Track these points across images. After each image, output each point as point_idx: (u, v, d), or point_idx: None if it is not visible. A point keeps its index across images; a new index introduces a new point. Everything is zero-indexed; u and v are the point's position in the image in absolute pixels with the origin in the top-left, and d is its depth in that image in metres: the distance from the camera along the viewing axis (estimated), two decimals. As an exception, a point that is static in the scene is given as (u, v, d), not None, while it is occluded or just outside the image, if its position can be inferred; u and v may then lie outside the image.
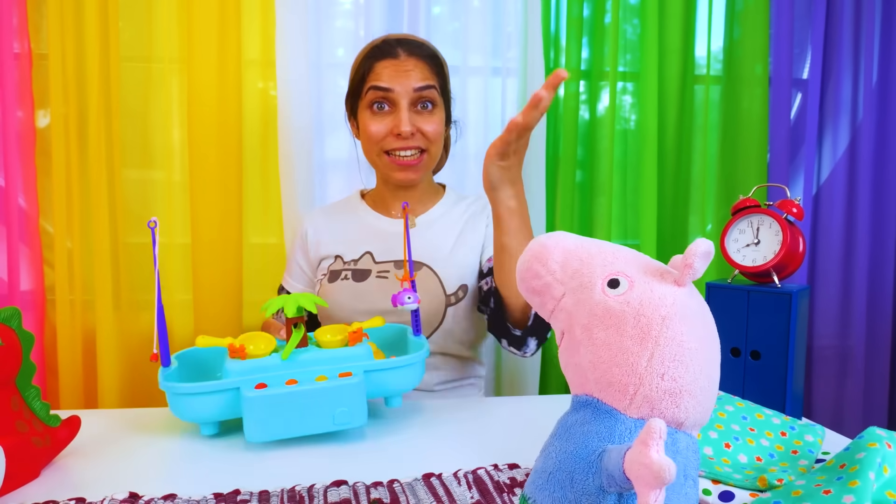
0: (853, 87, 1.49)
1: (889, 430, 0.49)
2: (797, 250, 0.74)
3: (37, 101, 1.24)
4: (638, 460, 0.30)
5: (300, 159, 1.29)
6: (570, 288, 0.40)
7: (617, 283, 0.39)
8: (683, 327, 0.37)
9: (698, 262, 0.37)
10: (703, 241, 0.37)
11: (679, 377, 0.37)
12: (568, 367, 0.41)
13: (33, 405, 0.61)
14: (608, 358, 0.37)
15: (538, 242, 0.43)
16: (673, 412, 0.37)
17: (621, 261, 0.40)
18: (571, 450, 0.37)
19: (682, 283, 0.38)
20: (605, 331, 0.38)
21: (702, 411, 0.39)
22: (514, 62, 1.39)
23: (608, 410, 0.38)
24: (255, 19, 1.28)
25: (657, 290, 0.38)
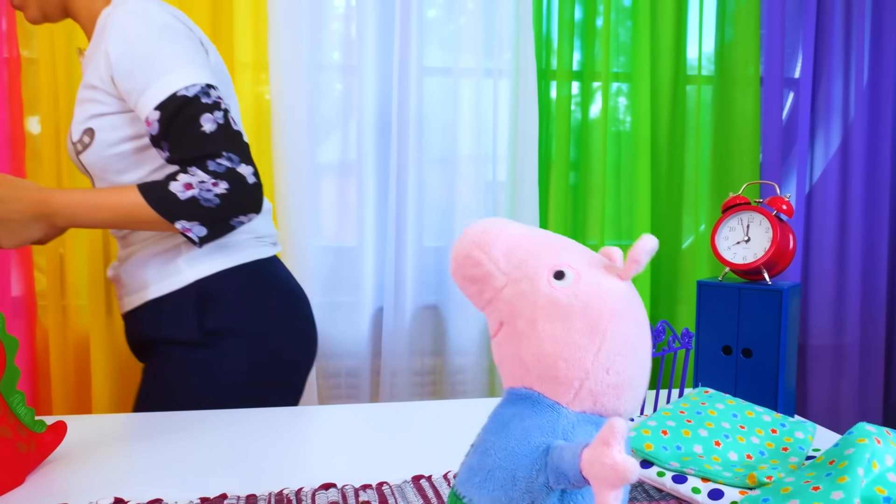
0: (844, 87, 1.49)
1: (878, 426, 0.49)
2: (787, 247, 0.74)
3: (26, 105, 1.23)
4: (599, 460, 0.30)
5: (293, 162, 1.29)
6: (513, 279, 0.39)
7: (563, 275, 0.38)
8: (628, 322, 0.37)
9: (643, 258, 0.37)
10: (649, 238, 0.37)
11: (623, 371, 0.37)
12: (505, 359, 0.40)
13: (17, 411, 0.61)
14: (553, 352, 0.37)
15: (479, 228, 0.41)
16: (614, 405, 0.37)
17: (566, 252, 0.40)
18: (513, 446, 0.37)
19: (625, 276, 0.38)
20: (551, 324, 0.37)
21: (636, 403, 0.39)
22: (507, 64, 1.39)
23: (550, 404, 0.37)
24: (248, 21, 1.28)
25: (604, 284, 0.38)
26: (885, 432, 0.49)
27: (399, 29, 1.33)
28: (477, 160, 1.37)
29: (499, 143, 1.40)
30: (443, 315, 1.39)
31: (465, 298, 1.37)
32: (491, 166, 1.40)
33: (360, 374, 1.35)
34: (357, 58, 1.34)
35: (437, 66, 1.40)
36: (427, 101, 1.38)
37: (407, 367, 1.35)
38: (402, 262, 1.34)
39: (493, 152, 1.39)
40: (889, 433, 0.49)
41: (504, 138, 1.40)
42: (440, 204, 1.40)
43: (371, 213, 1.38)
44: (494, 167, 1.40)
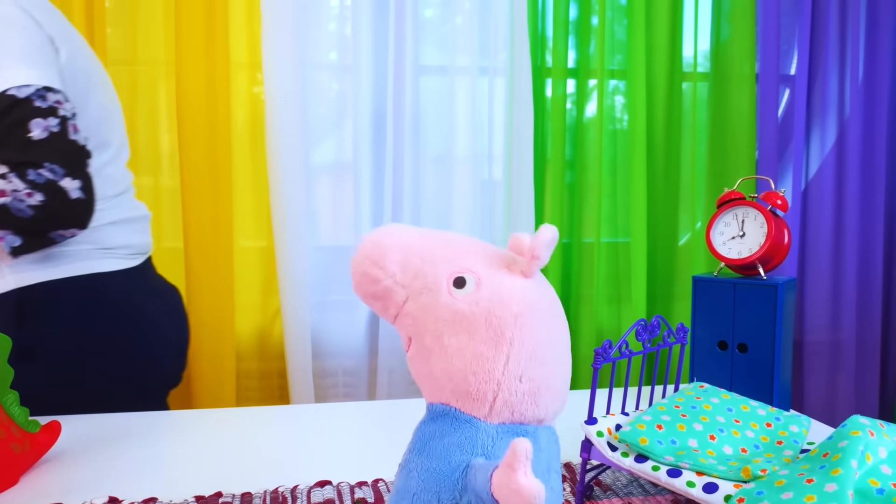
0: (839, 83, 1.50)
1: (872, 418, 0.49)
2: (782, 242, 0.74)
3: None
4: (506, 485, 0.29)
5: (289, 162, 1.29)
6: (413, 291, 0.37)
7: (463, 282, 0.36)
8: (536, 323, 0.36)
9: (544, 252, 0.36)
10: (547, 229, 0.36)
11: (537, 376, 0.35)
12: (420, 375, 0.38)
13: (11, 410, 0.60)
14: (463, 367, 0.35)
15: (371, 241, 0.38)
16: (533, 411, 0.36)
17: (465, 255, 0.38)
18: (434, 467, 0.35)
19: (529, 274, 0.37)
20: (457, 336, 0.35)
21: (560, 402, 0.38)
22: (502, 62, 1.39)
23: (468, 419, 0.36)
24: (242, 21, 1.28)
25: (507, 286, 0.36)
26: (879, 424, 0.49)
27: (394, 28, 1.33)
28: (473, 159, 1.37)
29: (495, 141, 1.39)
30: (440, 314, 1.39)
31: (461, 297, 1.37)
32: (487, 165, 1.40)
33: (357, 373, 1.35)
34: (352, 57, 1.34)
35: (433, 64, 1.40)
36: (423, 100, 1.38)
37: (403, 365, 1.35)
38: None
39: (488, 151, 1.39)
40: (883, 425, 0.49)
41: (500, 137, 1.40)
42: (436, 203, 1.40)
43: (367, 213, 1.38)
44: (490, 166, 1.40)
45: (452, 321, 0.36)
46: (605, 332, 1.43)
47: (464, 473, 0.34)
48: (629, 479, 0.62)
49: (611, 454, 0.54)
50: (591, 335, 1.39)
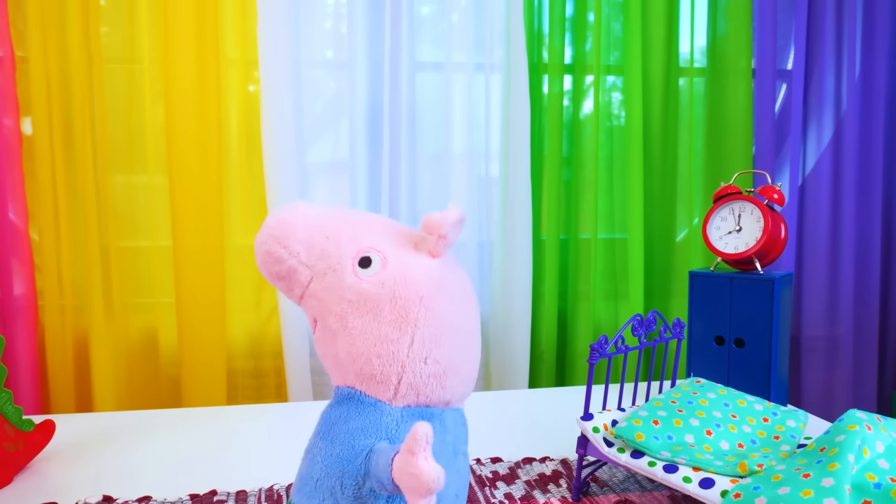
0: (836, 79, 1.49)
1: (869, 413, 0.49)
2: (779, 236, 0.74)
3: (22, 105, 1.22)
4: (406, 470, 0.29)
5: (285, 159, 1.29)
6: (317, 271, 0.36)
7: (369, 262, 0.35)
8: (442, 304, 0.35)
9: (451, 231, 0.35)
10: (454, 209, 0.35)
11: (442, 358, 0.35)
12: (325, 357, 0.37)
13: (5, 409, 0.60)
14: (367, 349, 0.34)
15: (276, 219, 0.37)
16: (439, 394, 0.35)
17: (372, 234, 0.37)
18: (338, 452, 0.34)
19: (437, 253, 0.36)
20: (361, 318, 0.35)
21: (467, 384, 0.37)
22: (498, 59, 1.38)
23: (372, 403, 0.35)
24: (236, 18, 1.27)
25: (412, 266, 0.35)
26: (876, 419, 0.49)
27: (390, 25, 1.32)
28: (469, 156, 1.37)
29: (491, 138, 1.39)
30: (437, 311, 1.39)
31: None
32: (484, 162, 1.39)
33: (355, 371, 1.34)
34: (348, 54, 1.33)
35: (429, 61, 1.40)
36: (419, 97, 1.37)
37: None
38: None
39: (485, 148, 1.39)
40: (880, 420, 0.49)
41: (496, 134, 1.39)
42: (433, 200, 1.40)
43: (363, 210, 1.37)
44: (487, 163, 1.39)
45: (357, 302, 0.35)
46: (603, 328, 1.43)
47: (367, 458, 0.33)
48: (626, 475, 0.61)
49: (607, 450, 0.53)
50: (589, 331, 1.39)
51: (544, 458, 0.65)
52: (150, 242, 1.28)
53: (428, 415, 0.35)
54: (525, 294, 1.34)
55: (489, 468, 0.62)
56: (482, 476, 0.61)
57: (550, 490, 0.58)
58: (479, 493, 0.57)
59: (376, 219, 0.38)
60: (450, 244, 0.35)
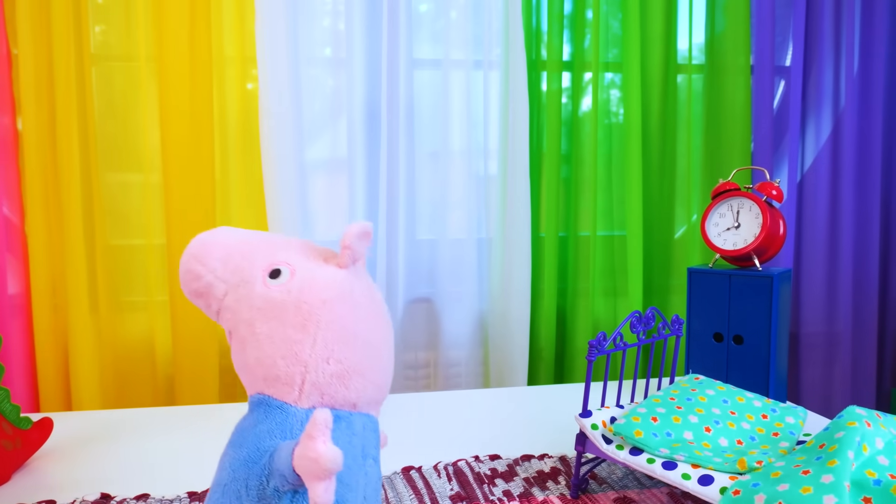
0: (835, 75, 1.49)
1: (869, 409, 0.49)
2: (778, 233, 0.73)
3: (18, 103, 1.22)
4: (305, 455, 0.30)
5: (283, 157, 1.28)
6: (232, 285, 0.38)
7: (278, 273, 0.38)
8: (346, 309, 0.37)
9: (355, 244, 0.37)
10: (358, 223, 0.37)
11: (345, 358, 0.36)
12: (239, 368, 0.39)
13: (3, 407, 0.60)
14: (272, 351, 0.36)
15: (198, 240, 0.40)
16: (344, 394, 0.36)
17: (285, 250, 0.39)
18: (244, 456, 0.35)
19: (343, 264, 0.38)
20: (268, 323, 0.36)
21: (375, 389, 0.38)
22: (497, 56, 1.38)
23: (279, 405, 0.36)
24: (234, 15, 1.27)
25: (319, 275, 0.37)
26: (876, 415, 0.49)
27: (388, 22, 1.32)
28: (468, 154, 1.37)
29: (490, 136, 1.39)
30: (436, 308, 1.39)
31: (458, 291, 1.37)
32: (482, 160, 1.39)
33: (354, 368, 1.34)
34: (346, 51, 1.33)
35: (427, 58, 1.39)
36: (417, 94, 1.37)
37: (400, 360, 1.35)
38: (394, 256, 1.34)
39: (484, 146, 1.39)
40: (879, 416, 0.49)
41: (495, 131, 1.39)
42: (432, 198, 1.39)
43: (362, 208, 1.37)
44: (486, 161, 1.39)
45: (265, 309, 0.37)
46: (602, 325, 1.43)
47: (271, 458, 0.34)
48: (624, 472, 0.61)
49: (606, 447, 0.53)
50: (588, 328, 1.39)
51: (543, 455, 0.65)
52: (143, 240, 1.28)
53: (334, 416, 0.36)
54: (524, 291, 1.34)
55: (487, 465, 0.62)
56: (481, 473, 0.60)
57: (549, 487, 0.58)
58: (478, 490, 0.57)
59: (294, 240, 0.41)
60: (355, 256, 0.37)
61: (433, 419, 0.75)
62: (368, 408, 0.38)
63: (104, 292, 1.25)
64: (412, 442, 0.68)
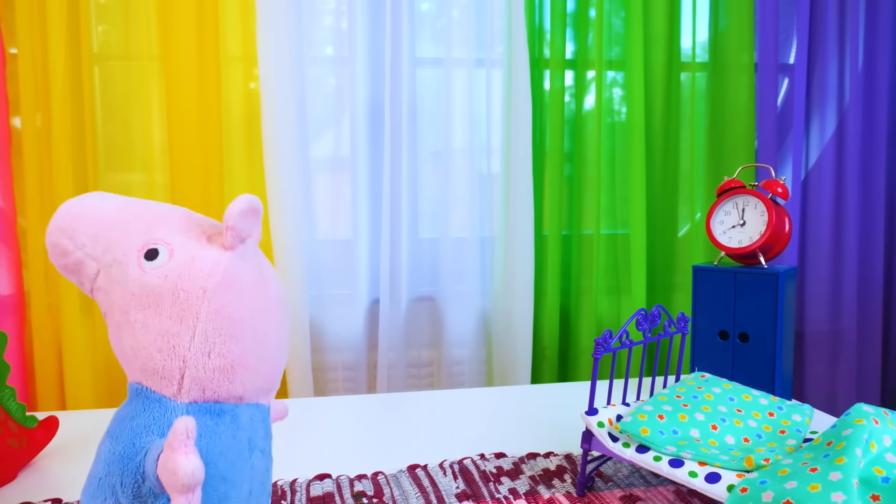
0: (839, 72, 1.49)
1: (876, 406, 0.49)
2: (783, 230, 0.73)
3: (13, 102, 1.22)
4: (165, 466, 0.28)
5: (286, 156, 1.28)
6: (103, 264, 0.35)
7: (155, 254, 0.34)
8: (229, 297, 0.34)
9: (239, 222, 0.34)
10: (242, 198, 0.34)
11: (229, 352, 0.34)
12: (118, 354, 0.36)
13: (8, 406, 0.60)
14: (149, 342, 0.34)
15: (64, 210, 0.36)
16: (228, 388, 0.34)
17: (164, 226, 0.35)
18: (120, 449, 0.33)
19: (228, 246, 0.35)
20: (143, 311, 0.34)
21: (263, 380, 0.36)
22: (499, 54, 1.38)
23: (157, 399, 0.34)
24: (236, 14, 1.27)
25: (199, 259, 0.34)
26: (883, 412, 0.49)
27: (390, 21, 1.32)
28: (471, 152, 1.36)
29: (493, 134, 1.39)
30: (439, 306, 1.39)
31: (461, 290, 1.37)
32: (485, 158, 1.39)
33: (356, 367, 1.34)
34: (348, 50, 1.33)
35: (430, 56, 1.39)
36: (420, 93, 1.37)
37: (403, 359, 1.35)
38: (397, 254, 1.34)
39: (486, 144, 1.39)
40: (887, 413, 0.49)
41: (498, 130, 1.39)
42: (434, 196, 1.39)
43: (365, 206, 1.37)
44: (489, 159, 1.39)
45: (140, 295, 0.34)
46: (605, 322, 1.43)
47: (145, 456, 0.32)
48: (631, 469, 0.61)
49: (612, 445, 0.53)
50: (591, 326, 1.39)
51: (548, 453, 0.64)
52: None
53: (217, 410, 0.35)
54: (527, 289, 1.34)
55: (493, 463, 0.62)
56: (486, 471, 0.60)
57: (555, 485, 0.58)
58: (484, 488, 0.57)
59: (172, 210, 0.37)
60: (242, 236, 0.34)
61: (438, 417, 0.75)
62: (257, 397, 0.36)
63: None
64: (417, 440, 0.68)
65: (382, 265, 1.33)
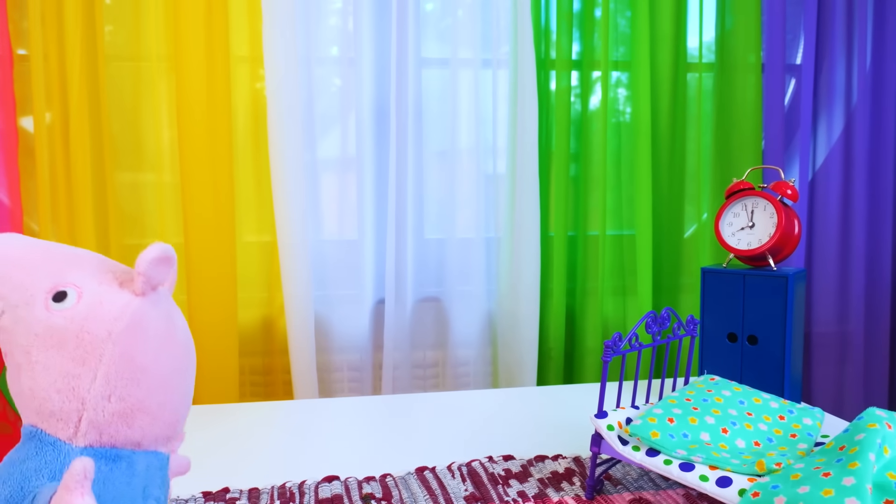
0: (847, 72, 1.48)
1: (889, 411, 0.48)
2: (792, 232, 0.73)
3: (20, 102, 1.22)
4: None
5: (292, 156, 1.28)
6: (9, 304, 0.35)
7: (63, 296, 0.35)
8: (134, 342, 0.34)
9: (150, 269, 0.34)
10: (155, 246, 0.35)
11: (129, 396, 0.34)
12: (14, 394, 0.36)
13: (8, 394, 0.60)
14: (48, 384, 0.33)
15: None
16: (126, 433, 0.34)
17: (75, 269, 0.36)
18: (7, 494, 0.32)
19: (139, 292, 0.35)
20: (46, 352, 0.34)
21: (164, 426, 0.36)
22: (505, 55, 1.38)
23: (52, 442, 0.33)
24: (244, 15, 1.27)
25: (108, 302, 0.34)
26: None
27: (396, 22, 1.32)
28: (476, 152, 1.36)
29: (498, 135, 1.39)
30: (444, 307, 1.39)
31: (467, 290, 1.37)
32: (491, 159, 1.39)
33: (362, 367, 1.34)
34: (354, 50, 1.33)
35: (435, 57, 1.39)
36: (425, 93, 1.37)
37: (409, 360, 1.35)
38: (403, 255, 1.34)
39: (492, 145, 1.38)
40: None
41: (503, 130, 1.39)
42: (440, 196, 1.39)
43: (370, 206, 1.37)
44: (494, 160, 1.39)
45: (44, 336, 0.34)
46: (611, 324, 1.42)
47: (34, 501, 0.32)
48: (640, 472, 0.61)
49: (622, 448, 0.53)
50: (597, 328, 1.38)
51: (557, 455, 0.64)
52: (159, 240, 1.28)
53: (113, 455, 0.34)
54: (533, 291, 1.34)
55: (501, 466, 0.62)
56: (494, 474, 0.60)
57: (564, 488, 0.57)
58: (493, 490, 0.57)
59: (85, 254, 0.37)
60: (152, 282, 0.34)
61: (445, 419, 0.75)
62: (156, 445, 0.36)
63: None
64: (425, 442, 0.68)
65: (388, 265, 1.33)
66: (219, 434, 0.71)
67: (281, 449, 0.66)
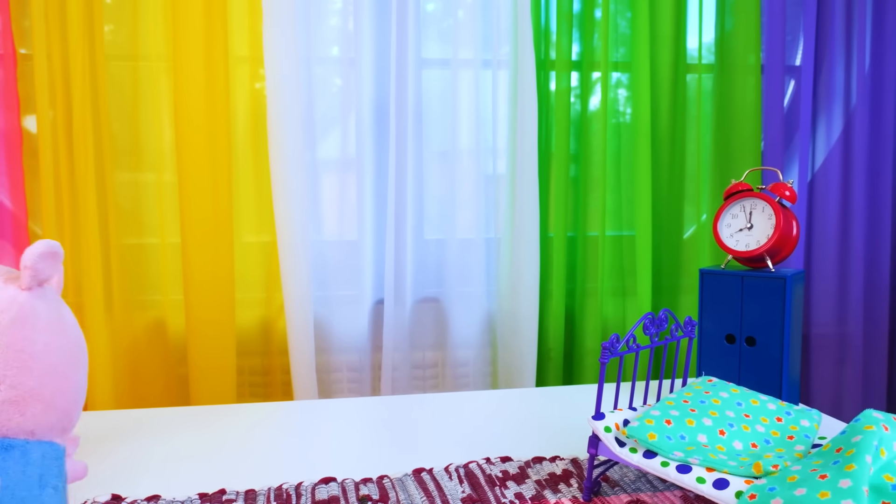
0: (846, 73, 1.48)
1: (886, 413, 0.48)
2: (791, 234, 0.73)
3: (23, 102, 1.23)
4: None
5: (292, 156, 1.28)
6: None
7: None
8: (24, 332, 0.35)
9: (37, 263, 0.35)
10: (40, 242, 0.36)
11: (20, 384, 0.35)
12: None
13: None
14: None
15: None
16: (18, 422, 0.35)
17: None
18: None
19: (25, 286, 0.36)
20: None
21: (59, 416, 0.37)
22: (505, 55, 1.38)
23: None
24: (244, 15, 1.27)
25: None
26: (893, 419, 0.49)
27: (396, 22, 1.32)
28: (476, 153, 1.36)
29: (498, 135, 1.39)
30: (444, 308, 1.39)
31: (466, 291, 1.37)
32: (490, 159, 1.39)
33: (361, 368, 1.34)
34: (354, 50, 1.33)
35: (435, 57, 1.39)
36: (425, 94, 1.37)
37: (408, 360, 1.35)
38: (402, 255, 1.34)
39: (492, 145, 1.38)
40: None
41: (503, 131, 1.39)
42: (440, 197, 1.39)
43: (370, 207, 1.37)
44: (494, 160, 1.39)
45: None
46: (610, 325, 1.42)
47: None
48: (637, 474, 0.61)
49: (619, 450, 0.53)
50: (597, 329, 1.38)
51: (554, 457, 0.64)
52: (157, 239, 1.28)
53: (5, 445, 0.35)
54: (532, 291, 1.34)
55: (499, 467, 0.62)
56: (492, 475, 0.60)
57: (561, 490, 0.57)
58: (490, 492, 0.57)
59: None
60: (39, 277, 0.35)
61: (443, 420, 0.75)
62: (51, 435, 0.37)
63: (118, 291, 1.26)
64: (422, 443, 0.68)
65: (387, 266, 1.33)
66: (216, 435, 0.71)
67: (278, 450, 0.66)
